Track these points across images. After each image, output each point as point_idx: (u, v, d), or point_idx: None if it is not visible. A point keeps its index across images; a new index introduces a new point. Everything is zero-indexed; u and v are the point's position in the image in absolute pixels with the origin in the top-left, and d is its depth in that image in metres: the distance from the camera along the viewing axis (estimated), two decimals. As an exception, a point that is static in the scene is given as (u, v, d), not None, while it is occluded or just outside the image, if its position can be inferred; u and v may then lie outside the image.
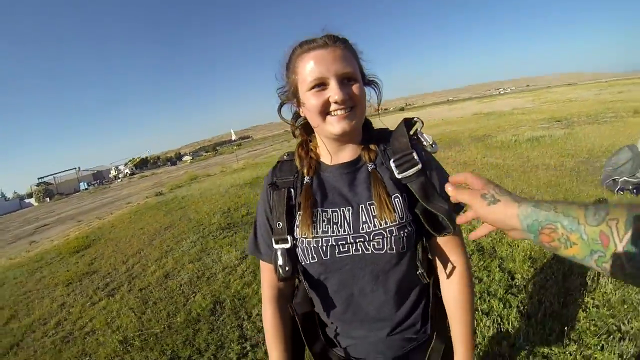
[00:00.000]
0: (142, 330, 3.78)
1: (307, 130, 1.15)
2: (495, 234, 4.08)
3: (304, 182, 1.07)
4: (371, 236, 0.97)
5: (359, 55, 1.05)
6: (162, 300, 4.47)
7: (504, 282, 3.12)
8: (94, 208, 19.17)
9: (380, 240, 0.97)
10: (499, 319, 2.65)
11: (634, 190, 4.74)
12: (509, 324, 2.60)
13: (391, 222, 0.96)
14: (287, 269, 1.03)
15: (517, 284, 3.10)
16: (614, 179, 4.91)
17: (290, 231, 1.04)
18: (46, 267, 7.51)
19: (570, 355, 2.22)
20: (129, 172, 68.35)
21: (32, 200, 53.92)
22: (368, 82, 1.08)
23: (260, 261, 1.17)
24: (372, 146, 1.08)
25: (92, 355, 3.60)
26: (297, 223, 1.04)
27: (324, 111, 0.98)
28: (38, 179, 66.16)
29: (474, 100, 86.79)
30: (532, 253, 3.56)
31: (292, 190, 1.08)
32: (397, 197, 1.00)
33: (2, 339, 4.45)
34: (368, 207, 1.00)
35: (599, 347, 2.23)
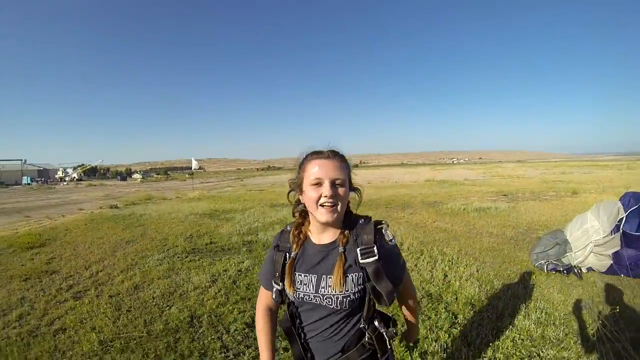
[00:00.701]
0: (119, 334, 3.87)
1: (303, 215, 1.58)
2: (442, 284, 4.76)
3: (291, 256, 1.52)
4: (324, 297, 1.44)
5: (348, 167, 1.50)
6: (136, 309, 4.56)
7: (448, 319, 3.73)
8: (42, 206, 19.15)
9: (330, 301, 1.43)
10: (445, 345, 3.27)
11: (564, 271, 5.16)
12: (454, 348, 3.23)
13: (339, 292, 1.41)
14: (277, 300, 1.57)
15: (459, 321, 3.73)
16: (542, 262, 5.39)
17: (282, 280, 1.53)
18: None
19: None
20: (76, 177, 66.71)
21: None
22: (353, 188, 1.53)
23: (261, 287, 1.68)
24: (346, 233, 1.48)
25: (66, 352, 3.60)
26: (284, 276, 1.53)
27: (317, 202, 1.40)
28: None
29: (428, 167, 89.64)
30: (472, 300, 4.24)
31: (287, 254, 1.55)
32: (354, 274, 1.43)
33: None
34: (328, 278, 1.44)
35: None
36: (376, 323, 1.55)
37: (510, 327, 3.58)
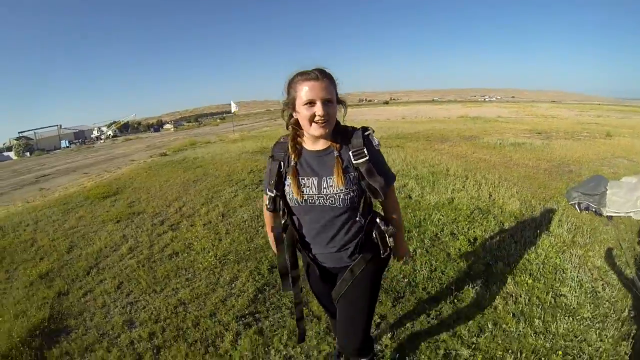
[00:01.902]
0: (229, 251, 4.45)
1: (296, 126, 1.72)
2: (488, 201, 5.69)
3: (291, 164, 1.69)
4: (328, 196, 1.62)
5: (335, 85, 1.64)
6: (233, 231, 5.08)
7: (497, 226, 4.69)
8: (94, 163, 19.35)
9: (334, 199, 1.62)
10: (497, 243, 4.26)
11: (596, 212, 5.30)
12: (504, 244, 4.20)
13: (340, 190, 1.60)
14: (270, 207, 1.77)
15: (505, 227, 4.69)
16: (580, 203, 5.45)
17: (277, 187, 1.72)
18: (78, 209, 7.65)
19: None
20: (111, 134, 67.18)
21: (11, 154, 52.55)
22: (340, 101, 1.66)
23: (264, 194, 1.88)
24: (338, 140, 1.67)
25: (188, 269, 4.16)
26: (286, 183, 1.70)
27: (311, 120, 1.56)
28: (18, 132, 64.58)
29: (459, 104, 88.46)
30: (515, 214, 5.16)
31: (282, 163, 1.72)
32: (350, 174, 1.63)
33: (73, 264, 4.73)
34: (328, 179, 1.63)
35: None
36: (378, 221, 1.78)
37: (547, 232, 4.49)
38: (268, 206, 1.78)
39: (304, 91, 1.53)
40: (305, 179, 1.66)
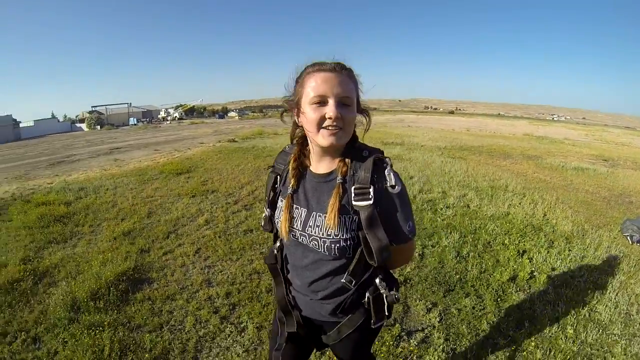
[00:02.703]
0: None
1: (304, 141, 1.40)
2: (542, 220, 5.96)
3: (289, 191, 1.37)
4: (310, 238, 1.29)
5: (358, 85, 1.29)
6: None
7: (546, 243, 4.98)
8: (163, 142, 20.30)
9: (317, 243, 1.28)
10: (542, 258, 4.58)
11: None
12: (550, 260, 4.52)
13: (327, 235, 1.25)
14: (266, 227, 1.52)
15: (554, 246, 4.95)
16: (632, 235, 5.43)
17: (272, 205, 1.46)
18: (154, 181, 8.37)
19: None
20: (177, 117, 68.99)
21: (83, 126, 55.47)
22: (361, 110, 1.31)
23: None
24: (347, 161, 1.27)
25: (262, 245, 4.63)
26: (279, 206, 1.43)
27: (319, 124, 1.18)
28: (92, 106, 67.13)
29: (525, 120, 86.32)
30: (565, 235, 5.43)
31: (279, 177, 1.45)
32: (347, 216, 1.24)
33: (153, 227, 5.38)
34: (317, 216, 1.28)
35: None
36: (377, 281, 1.37)
37: (594, 255, 4.74)
38: (262, 225, 1.54)
39: (314, 85, 1.19)
40: (295, 208, 1.35)
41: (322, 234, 1.26)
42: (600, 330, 3.18)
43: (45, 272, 4.07)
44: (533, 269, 4.19)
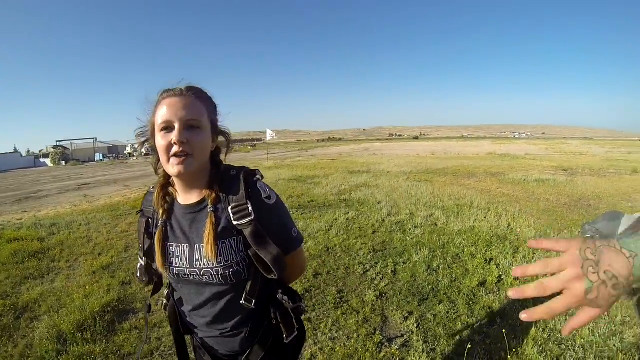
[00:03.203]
0: None
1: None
2: (506, 229, 6.31)
3: (159, 224, 1.27)
4: (202, 272, 1.20)
5: (211, 107, 1.25)
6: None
7: (511, 250, 5.30)
8: (131, 177, 20.86)
9: (209, 275, 1.20)
10: (508, 263, 4.87)
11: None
12: (515, 264, 4.82)
13: (217, 264, 1.17)
14: (143, 279, 1.36)
15: (519, 252, 5.26)
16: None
17: (147, 253, 1.30)
18: (127, 216, 8.68)
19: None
20: (144, 152, 68.68)
21: (48, 161, 55.34)
22: (220, 132, 1.28)
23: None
24: (215, 189, 1.23)
25: None
26: (154, 248, 1.27)
27: (168, 151, 1.14)
28: (56, 141, 66.31)
29: (489, 140, 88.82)
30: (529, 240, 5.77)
31: (150, 219, 1.33)
32: (231, 239, 1.20)
33: (131, 260, 5.53)
34: (201, 247, 1.19)
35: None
36: (279, 297, 1.35)
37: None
38: (138, 277, 1.40)
39: (161, 112, 1.15)
40: (175, 245, 1.26)
41: (213, 264, 1.18)
42: (567, 317, 3.45)
43: (25, 307, 4.14)
44: (500, 273, 4.47)
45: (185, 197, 1.28)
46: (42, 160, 58.37)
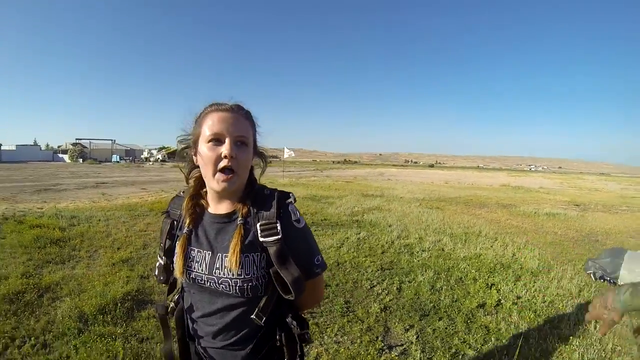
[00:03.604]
0: None
1: (200, 181, 1.37)
2: (511, 259, 6.53)
3: (184, 231, 1.31)
4: (220, 280, 1.22)
5: (255, 127, 1.31)
6: None
7: (513, 278, 5.54)
8: (149, 181, 21.29)
9: (226, 285, 1.22)
10: (509, 287, 5.10)
11: (612, 281, 5.52)
12: (517, 291, 5.05)
13: (237, 275, 1.19)
14: (161, 278, 1.39)
15: (521, 280, 5.51)
16: (595, 272, 5.74)
17: (168, 253, 1.36)
18: (145, 217, 9.02)
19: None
20: (160, 158, 67.84)
21: (65, 157, 56.68)
22: (258, 152, 1.34)
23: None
24: (247, 204, 1.27)
25: None
26: (176, 251, 1.31)
27: (216, 163, 1.18)
28: (76, 139, 67.60)
29: (504, 172, 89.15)
30: (532, 270, 5.98)
31: (175, 222, 1.38)
32: (255, 254, 1.22)
33: (149, 257, 5.78)
34: (224, 257, 1.22)
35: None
36: (289, 320, 1.35)
37: (557, 285, 5.29)
38: (156, 275, 1.43)
39: (211, 123, 1.21)
40: (196, 251, 1.29)
41: (233, 275, 1.20)
42: (559, 339, 3.70)
43: (47, 287, 4.40)
44: (500, 297, 4.71)
45: (215, 207, 1.32)
46: (60, 155, 59.71)
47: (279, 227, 1.20)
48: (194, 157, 1.31)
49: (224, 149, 1.17)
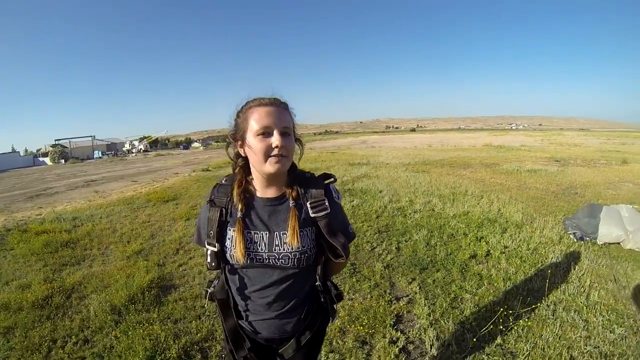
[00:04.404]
0: None
1: (245, 170, 1.49)
2: (497, 214, 7.04)
3: (237, 215, 1.41)
4: (280, 256, 1.38)
5: (293, 117, 1.43)
6: None
7: (500, 230, 6.03)
8: (138, 173, 21.14)
9: (287, 259, 1.38)
10: (498, 239, 5.60)
11: (592, 241, 5.53)
12: (505, 241, 5.55)
13: (296, 249, 1.37)
14: (213, 264, 1.48)
15: (507, 232, 6.00)
16: (574, 233, 5.76)
17: (220, 239, 1.43)
18: (144, 208, 9.12)
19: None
20: (142, 149, 68.07)
21: (47, 160, 55.12)
22: (296, 139, 1.44)
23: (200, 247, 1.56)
24: (295, 187, 1.43)
25: None
26: (228, 237, 1.42)
27: (267, 154, 1.30)
28: (55, 140, 66.51)
29: (485, 132, 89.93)
30: (517, 222, 6.48)
31: (224, 209, 1.44)
32: (307, 229, 1.41)
33: (160, 246, 6.05)
34: (281, 235, 1.39)
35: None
36: (328, 283, 1.61)
37: (540, 234, 5.81)
38: (208, 263, 1.51)
39: (258, 118, 1.31)
40: (253, 233, 1.42)
41: (292, 249, 1.37)
42: (543, 279, 4.20)
43: (72, 288, 4.54)
44: (489, 248, 5.22)
45: (264, 192, 1.45)
46: (41, 159, 57.93)
47: (327, 203, 1.40)
48: (240, 149, 1.44)
49: (275, 140, 1.29)
